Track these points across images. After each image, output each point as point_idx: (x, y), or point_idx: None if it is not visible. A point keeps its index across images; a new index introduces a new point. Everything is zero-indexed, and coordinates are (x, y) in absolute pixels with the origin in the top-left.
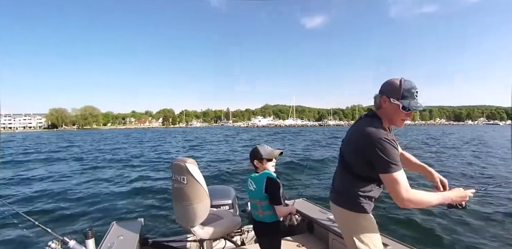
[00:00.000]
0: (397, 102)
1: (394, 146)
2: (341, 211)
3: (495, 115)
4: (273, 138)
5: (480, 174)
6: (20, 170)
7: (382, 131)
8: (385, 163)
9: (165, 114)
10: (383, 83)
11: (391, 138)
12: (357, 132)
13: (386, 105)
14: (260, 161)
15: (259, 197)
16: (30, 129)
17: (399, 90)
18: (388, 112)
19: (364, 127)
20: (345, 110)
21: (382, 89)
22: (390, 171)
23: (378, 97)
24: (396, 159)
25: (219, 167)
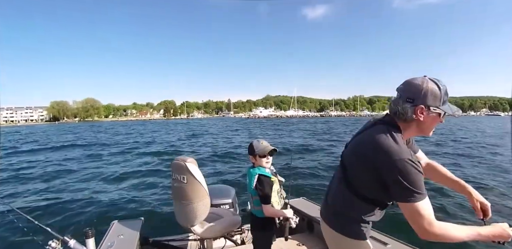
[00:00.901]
0: (439, 110)
1: (420, 170)
2: (335, 235)
3: (498, 106)
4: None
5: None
6: (20, 168)
7: (405, 150)
8: (407, 191)
9: (166, 106)
10: (408, 87)
11: (416, 160)
12: (369, 144)
13: (424, 116)
14: (254, 157)
15: (251, 192)
16: (32, 122)
17: (440, 96)
18: (424, 124)
19: (379, 139)
20: (346, 100)
21: (413, 97)
22: (412, 200)
23: (408, 107)
24: (421, 186)
25: (220, 167)
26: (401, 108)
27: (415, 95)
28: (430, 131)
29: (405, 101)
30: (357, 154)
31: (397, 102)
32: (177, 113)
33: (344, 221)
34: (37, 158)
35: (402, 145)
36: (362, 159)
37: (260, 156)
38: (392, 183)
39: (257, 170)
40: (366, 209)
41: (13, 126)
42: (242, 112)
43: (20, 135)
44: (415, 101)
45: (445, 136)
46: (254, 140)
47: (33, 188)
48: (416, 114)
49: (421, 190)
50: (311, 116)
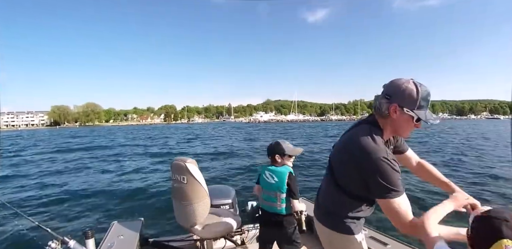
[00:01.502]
0: (412, 113)
1: (395, 168)
2: (328, 232)
3: (498, 110)
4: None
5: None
6: (20, 169)
7: (382, 148)
8: (383, 188)
9: (166, 110)
10: (390, 84)
11: (392, 158)
12: (351, 143)
13: (397, 115)
14: (282, 156)
15: (280, 190)
16: (33, 126)
17: (416, 99)
18: (397, 123)
19: (360, 137)
20: (347, 105)
21: (390, 94)
22: (388, 197)
23: (384, 103)
24: (397, 184)
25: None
26: (379, 103)
27: (393, 93)
28: (405, 132)
29: (383, 96)
30: (341, 153)
31: (377, 97)
32: (178, 117)
33: (335, 219)
34: (38, 160)
35: (380, 144)
36: (345, 157)
37: (290, 156)
38: (369, 180)
39: (287, 169)
40: (355, 206)
41: (14, 131)
42: (242, 116)
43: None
44: (391, 99)
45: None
46: (279, 140)
47: (33, 188)
48: (389, 111)
49: (396, 188)
50: (311, 121)
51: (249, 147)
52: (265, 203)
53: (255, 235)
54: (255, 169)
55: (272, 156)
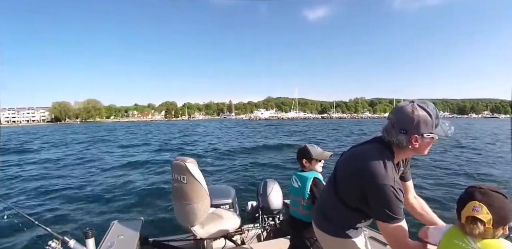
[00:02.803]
0: (432, 135)
1: (399, 198)
2: (329, 238)
3: (499, 109)
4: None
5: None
6: (20, 169)
7: (390, 176)
8: (384, 213)
9: (167, 107)
10: (400, 117)
11: (398, 187)
12: (360, 162)
13: (418, 143)
14: (309, 160)
15: (303, 196)
16: (34, 122)
17: (432, 121)
18: (420, 149)
19: (370, 160)
20: (348, 102)
21: (406, 128)
22: (387, 222)
23: (404, 139)
24: (398, 212)
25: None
26: (395, 139)
27: (408, 126)
28: (426, 151)
29: (398, 132)
30: (348, 167)
31: (390, 133)
32: (179, 114)
33: (336, 226)
34: (38, 158)
35: (389, 171)
36: (351, 173)
37: (317, 161)
38: (372, 203)
39: (312, 174)
40: (352, 216)
41: (16, 127)
42: (243, 113)
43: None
44: (408, 132)
45: None
46: (307, 144)
47: (34, 188)
48: (411, 143)
49: (397, 215)
50: (312, 118)
51: (249, 147)
52: (291, 207)
53: (255, 235)
54: (255, 169)
55: (300, 161)
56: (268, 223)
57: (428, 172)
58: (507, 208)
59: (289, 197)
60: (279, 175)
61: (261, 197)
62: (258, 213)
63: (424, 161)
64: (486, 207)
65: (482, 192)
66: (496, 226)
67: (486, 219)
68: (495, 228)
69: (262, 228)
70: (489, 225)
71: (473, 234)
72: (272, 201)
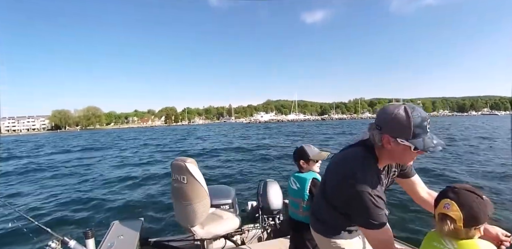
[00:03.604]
0: (407, 143)
1: (378, 205)
2: (323, 239)
3: (499, 106)
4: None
5: None
6: (21, 170)
7: (369, 182)
8: (364, 219)
9: (167, 112)
10: (381, 112)
11: (376, 194)
12: (343, 167)
13: (391, 146)
14: (306, 161)
15: (302, 197)
16: (34, 131)
17: (409, 128)
18: (393, 154)
19: (351, 163)
20: (347, 104)
21: (381, 124)
22: (367, 227)
23: (377, 134)
24: (378, 218)
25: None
26: (371, 133)
27: (383, 122)
28: (406, 161)
29: (374, 127)
30: (333, 173)
31: (370, 126)
32: (179, 119)
33: (325, 226)
34: (40, 160)
35: (369, 177)
36: (336, 179)
37: (315, 161)
38: (353, 209)
39: (311, 175)
40: (342, 219)
41: (16, 135)
42: (243, 117)
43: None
44: (382, 129)
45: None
46: (303, 145)
47: (33, 188)
48: (382, 142)
49: (377, 221)
50: (312, 120)
51: (250, 146)
52: (291, 209)
53: (255, 235)
54: (255, 169)
55: (297, 162)
56: (268, 223)
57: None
58: (478, 207)
59: (288, 199)
60: (279, 175)
61: (261, 197)
62: (258, 213)
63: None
64: (456, 205)
65: (455, 191)
66: (467, 225)
67: (456, 217)
68: (467, 228)
69: (262, 228)
70: (459, 223)
71: (444, 232)
72: (272, 201)
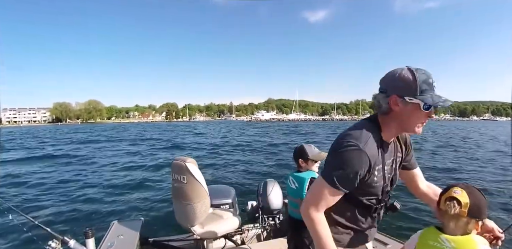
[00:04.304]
0: (416, 100)
1: (355, 165)
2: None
3: (501, 111)
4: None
5: None
6: (21, 168)
7: (358, 135)
8: (325, 167)
9: (168, 108)
10: (384, 77)
11: (363, 153)
12: (335, 141)
13: (399, 107)
14: (305, 161)
15: (301, 197)
16: (35, 123)
17: (415, 84)
18: (403, 116)
19: (349, 129)
20: (348, 105)
21: (386, 86)
22: (321, 175)
23: (382, 98)
24: (339, 174)
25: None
26: (376, 100)
27: (387, 85)
28: (414, 127)
29: (379, 92)
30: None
31: (376, 94)
32: (179, 115)
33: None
34: (39, 159)
35: (364, 135)
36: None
37: (313, 161)
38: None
39: (309, 174)
40: (339, 209)
41: (16, 127)
42: (244, 115)
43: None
44: (387, 92)
45: None
46: (304, 144)
47: (33, 188)
48: (389, 105)
49: (334, 176)
50: (313, 120)
51: (249, 147)
52: (290, 208)
53: (255, 235)
54: (255, 169)
55: (296, 161)
56: (268, 223)
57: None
58: (484, 202)
59: (287, 198)
60: (279, 175)
61: (261, 197)
62: (258, 213)
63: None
64: (466, 193)
65: (465, 184)
66: (471, 214)
67: (463, 202)
68: (469, 217)
69: (262, 228)
70: (465, 209)
71: (448, 214)
72: (272, 201)
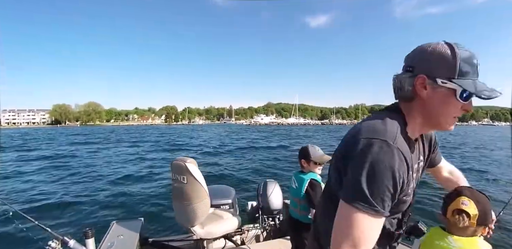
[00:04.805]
0: (452, 84)
1: (394, 172)
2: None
3: (500, 116)
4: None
5: None
6: (21, 168)
7: (390, 132)
8: (350, 186)
9: (168, 111)
10: (411, 52)
11: (399, 152)
12: (350, 131)
13: (428, 91)
14: (307, 162)
15: (299, 196)
16: (34, 124)
17: (453, 62)
18: (430, 105)
19: (363, 121)
20: (348, 109)
21: (413, 64)
22: (347, 201)
23: (407, 78)
24: (379, 193)
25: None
26: (398, 81)
27: (417, 61)
28: (446, 120)
29: (404, 70)
30: (341, 142)
31: (398, 74)
32: (179, 118)
33: (325, 239)
34: (39, 159)
35: (391, 127)
36: (338, 150)
37: (315, 163)
38: (344, 171)
39: (310, 175)
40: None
41: (15, 128)
42: (243, 118)
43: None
44: (415, 70)
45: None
46: (309, 145)
47: (34, 188)
48: (415, 87)
49: (362, 197)
50: (312, 124)
51: (249, 148)
52: (290, 207)
53: (255, 235)
54: (255, 169)
55: (299, 161)
56: (268, 223)
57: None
58: (488, 207)
59: (289, 198)
60: (279, 176)
61: (261, 197)
62: (258, 213)
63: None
64: (474, 203)
65: (470, 190)
66: (479, 223)
67: (472, 214)
68: (478, 226)
69: (262, 228)
70: (473, 220)
71: (457, 226)
72: (272, 201)
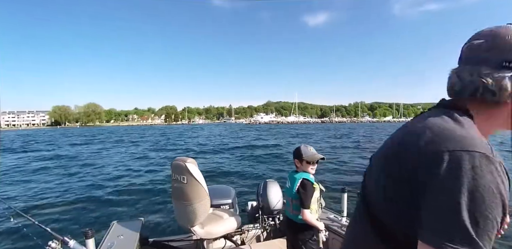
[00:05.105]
0: None
1: (500, 188)
2: None
3: None
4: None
5: None
6: (21, 169)
7: (478, 139)
8: (446, 222)
9: (167, 111)
10: (495, 38)
11: (501, 164)
12: (411, 134)
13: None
14: (300, 161)
15: (291, 196)
16: (34, 126)
17: None
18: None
19: (432, 122)
20: (347, 107)
21: (492, 52)
22: (444, 245)
23: (489, 75)
24: (487, 233)
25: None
26: (492, 81)
27: (498, 49)
28: None
29: (499, 66)
30: (386, 154)
31: (475, 72)
32: (178, 118)
33: None
34: (39, 159)
35: (474, 133)
36: (391, 159)
37: (307, 162)
38: (426, 198)
39: (302, 175)
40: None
41: (15, 130)
42: (243, 117)
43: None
44: (492, 60)
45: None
46: (302, 145)
47: (34, 188)
48: (499, 86)
49: (476, 236)
50: (312, 122)
51: (249, 148)
52: (285, 207)
53: (255, 235)
54: (255, 169)
55: (294, 161)
56: (268, 223)
57: None
58: None
59: (284, 198)
60: (279, 175)
61: (261, 197)
62: (258, 213)
63: None
64: None
65: None
66: None
67: None
68: None
69: (262, 228)
70: None
71: None
72: (272, 201)
